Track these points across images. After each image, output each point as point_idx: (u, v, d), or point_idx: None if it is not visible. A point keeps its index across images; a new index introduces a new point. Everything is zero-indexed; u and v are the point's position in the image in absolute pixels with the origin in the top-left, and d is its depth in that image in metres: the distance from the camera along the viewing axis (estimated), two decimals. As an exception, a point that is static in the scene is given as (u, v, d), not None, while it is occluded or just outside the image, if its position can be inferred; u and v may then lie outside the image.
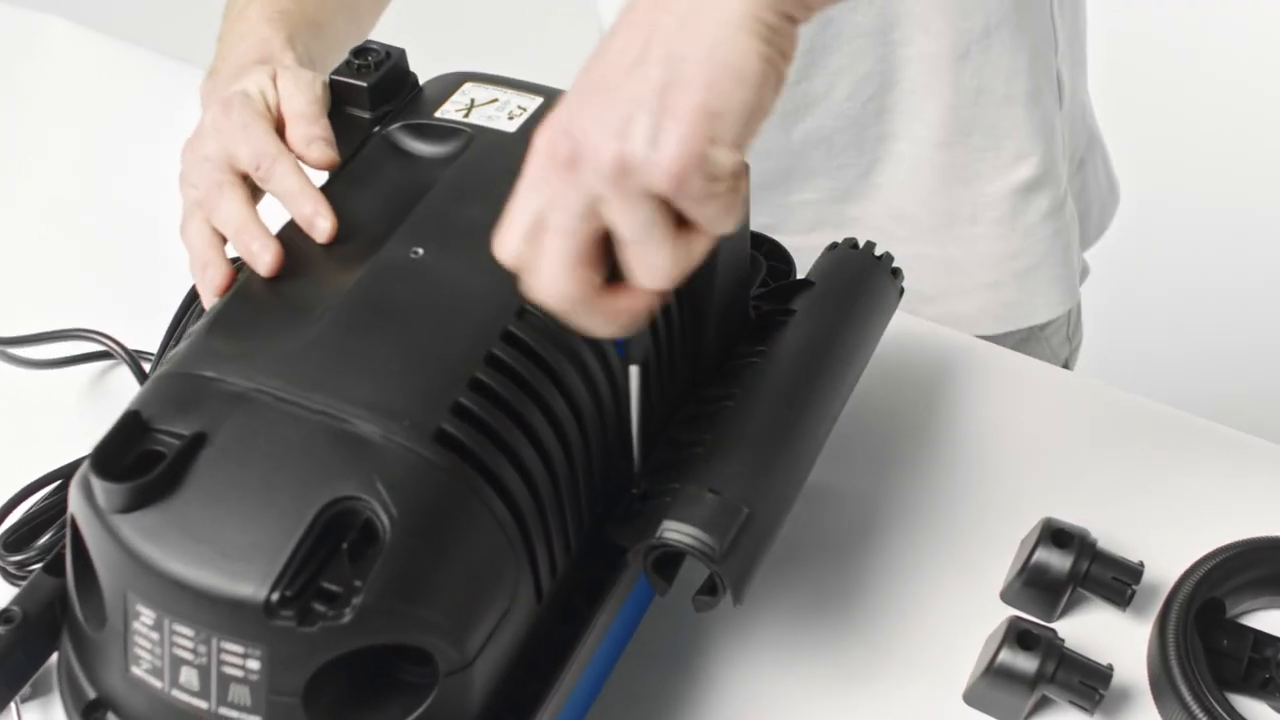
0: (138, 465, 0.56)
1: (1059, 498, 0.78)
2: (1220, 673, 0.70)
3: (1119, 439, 0.83)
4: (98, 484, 0.56)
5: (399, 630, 0.56)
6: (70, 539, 0.61)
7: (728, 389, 0.70)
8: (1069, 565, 0.72)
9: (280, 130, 0.70)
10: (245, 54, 0.76)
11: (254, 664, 0.55)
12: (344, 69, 0.74)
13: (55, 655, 0.67)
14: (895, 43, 0.91)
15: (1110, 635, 0.73)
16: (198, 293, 0.69)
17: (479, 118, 0.72)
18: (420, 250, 0.65)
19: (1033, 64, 0.93)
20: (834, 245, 0.79)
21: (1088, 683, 0.68)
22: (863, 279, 0.77)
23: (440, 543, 0.56)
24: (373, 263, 0.64)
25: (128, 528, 0.56)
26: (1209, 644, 0.71)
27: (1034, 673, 0.68)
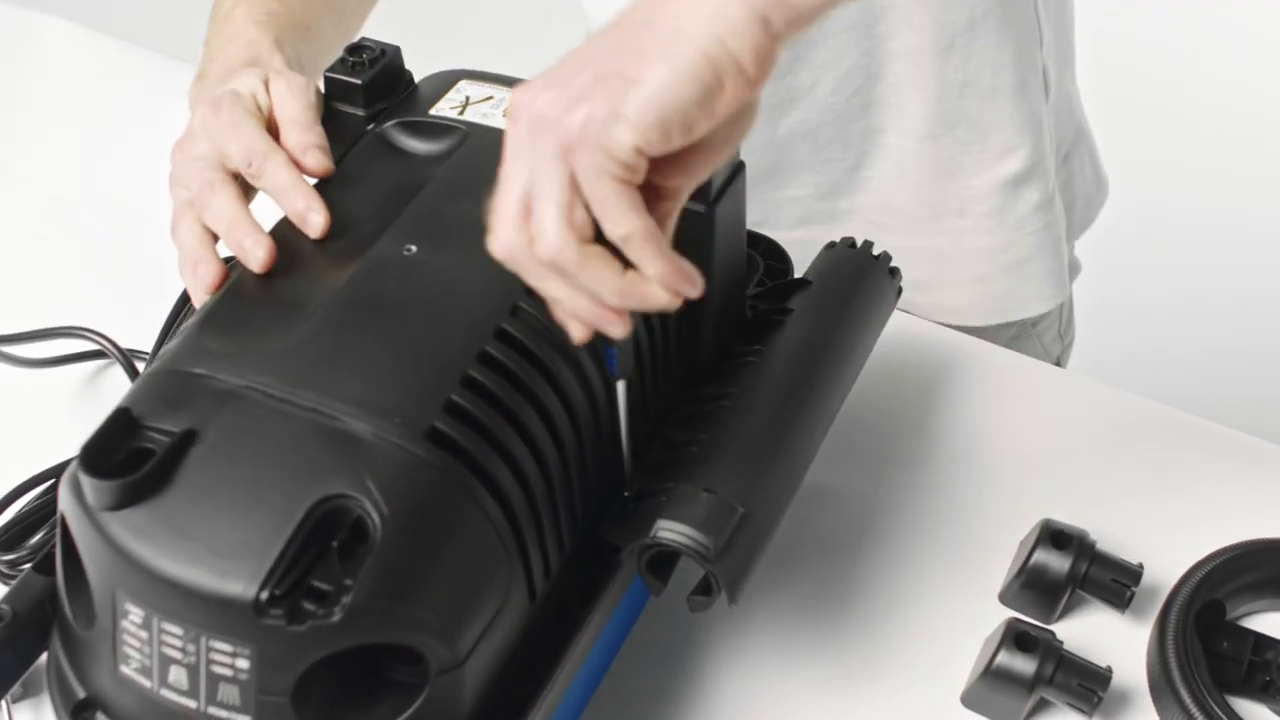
0: (127, 462, 0.56)
1: (1058, 498, 0.78)
2: (1220, 675, 0.70)
3: (1119, 439, 0.83)
4: (87, 481, 0.56)
5: (389, 629, 0.55)
6: (60, 537, 0.61)
7: (724, 388, 0.70)
8: (1068, 567, 0.72)
9: (271, 131, 0.70)
10: (233, 56, 0.75)
11: (243, 663, 0.54)
12: (339, 66, 0.74)
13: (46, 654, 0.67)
14: (879, 36, 0.91)
15: (1109, 637, 0.72)
16: (191, 293, 0.69)
17: (474, 115, 0.72)
18: (413, 247, 0.64)
19: (1018, 57, 0.93)
20: (832, 244, 0.78)
21: (1086, 685, 0.68)
22: (860, 278, 0.76)
23: (431, 541, 0.56)
24: (365, 260, 0.64)
25: (117, 525, 0.55)
26: (1209, 646, 0.70)
27: (1032, 675, 0.67)
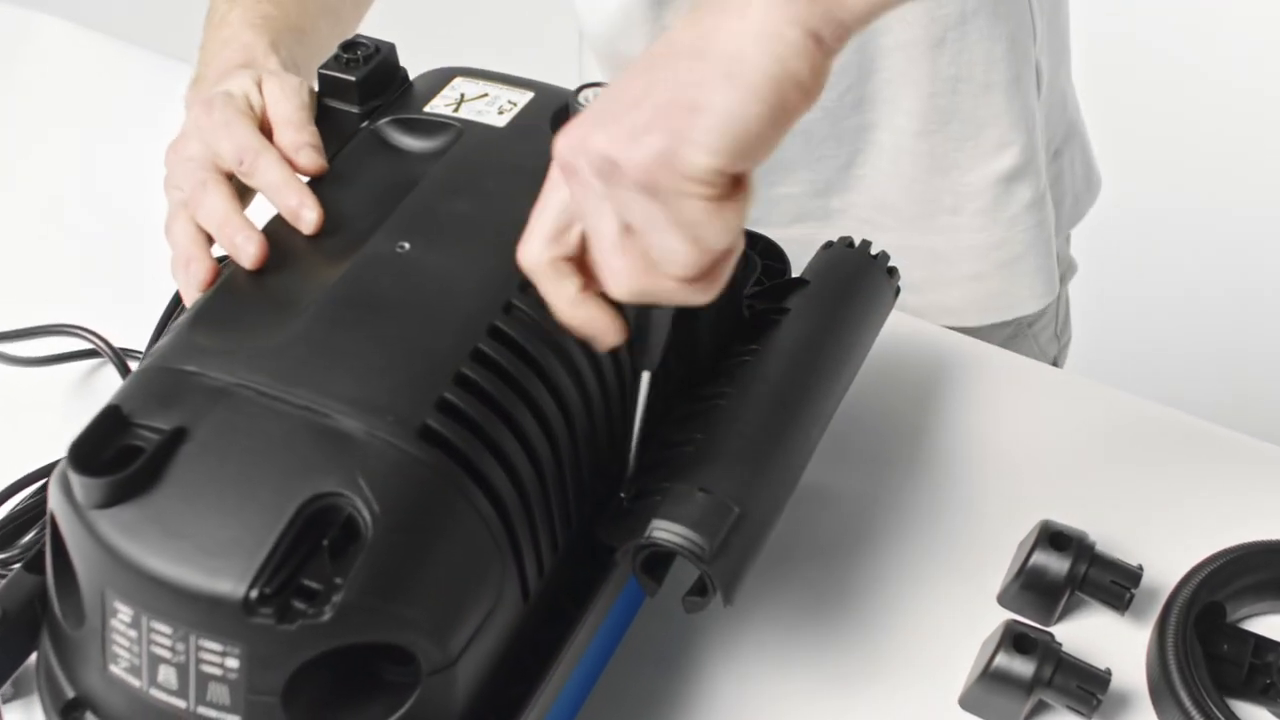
0: (117, 460, 0.56)
1: (1057, 499, 0.77)
2: (1220, 678, 0.69)
3: (1119, 440, 0.82)
4: (75, 479, 0.55)
5: (380, 628, 0.55)
6: (49, 535, 0.60)
7: (720, 388, 0.69)
8: (1067, 568, 0.72)
9: (264, 131, 0.70)
10: (229, 59, 0.75)
11: (233, 662, 0.54)
12: (333, 63, 0.74)
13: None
14: (872, 31, 0.90)
15: (1109, 639, 0.72)
16: (183, 293, 0.68)
17: (469, 112, 0.71)
18: (406, 245, 0.64)
19: (1011, 52, 0.92)
20: (829, 244, 0.78)
21: (1085, 687, 0.67)
22: (858, 278, 0.76)
23: (423, 540, 0.56)
24: (358, 257, 0.63)
25: (106, 523, 0.55)
26: (1209, 649, 0.70)
27: (1031, 677, 0.67)
